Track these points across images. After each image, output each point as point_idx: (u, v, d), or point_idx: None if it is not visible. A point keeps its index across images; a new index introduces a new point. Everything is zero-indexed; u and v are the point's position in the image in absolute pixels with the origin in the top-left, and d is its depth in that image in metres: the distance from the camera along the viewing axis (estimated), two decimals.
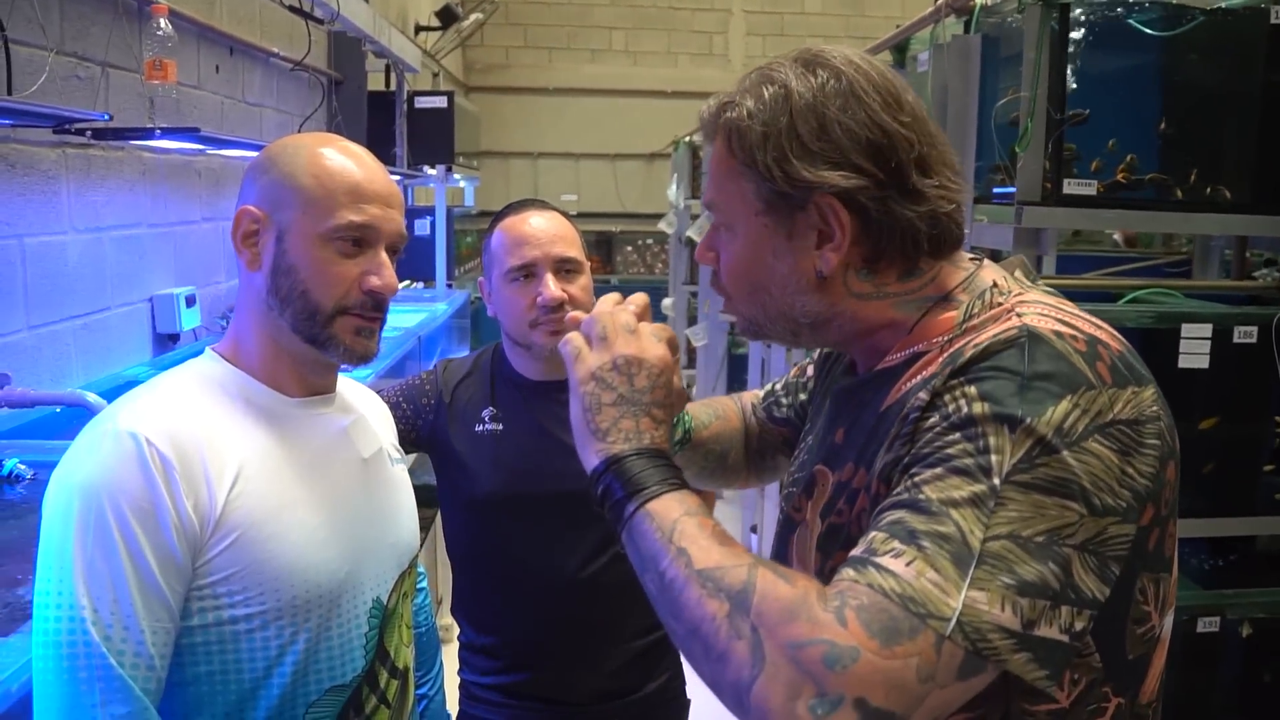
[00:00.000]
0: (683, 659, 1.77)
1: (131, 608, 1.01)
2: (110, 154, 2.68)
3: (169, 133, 2.05)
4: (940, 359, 0.91)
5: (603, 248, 9.10)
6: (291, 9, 3.52)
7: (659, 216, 7.65)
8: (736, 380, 5.90)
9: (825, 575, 0.94)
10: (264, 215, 1.14)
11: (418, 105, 4.72)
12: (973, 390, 0.84)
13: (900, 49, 2.80)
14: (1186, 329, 2.02)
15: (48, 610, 1.00)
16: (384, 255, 1.16)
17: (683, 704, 1.83)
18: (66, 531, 1.01)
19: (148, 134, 2.02)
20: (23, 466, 1.81)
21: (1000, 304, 0.94)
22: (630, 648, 1.72)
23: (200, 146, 2.48)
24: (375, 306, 1.15)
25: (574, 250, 1.69)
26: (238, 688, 1.09)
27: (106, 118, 1.96)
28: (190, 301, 3.00)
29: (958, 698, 0.79)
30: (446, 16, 6.29)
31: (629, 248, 9.44)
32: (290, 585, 1.09)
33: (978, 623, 0.77)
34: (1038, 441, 0.80)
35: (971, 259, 1.01)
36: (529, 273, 1.67)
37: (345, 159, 1.15)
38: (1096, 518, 0.81)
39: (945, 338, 0.94)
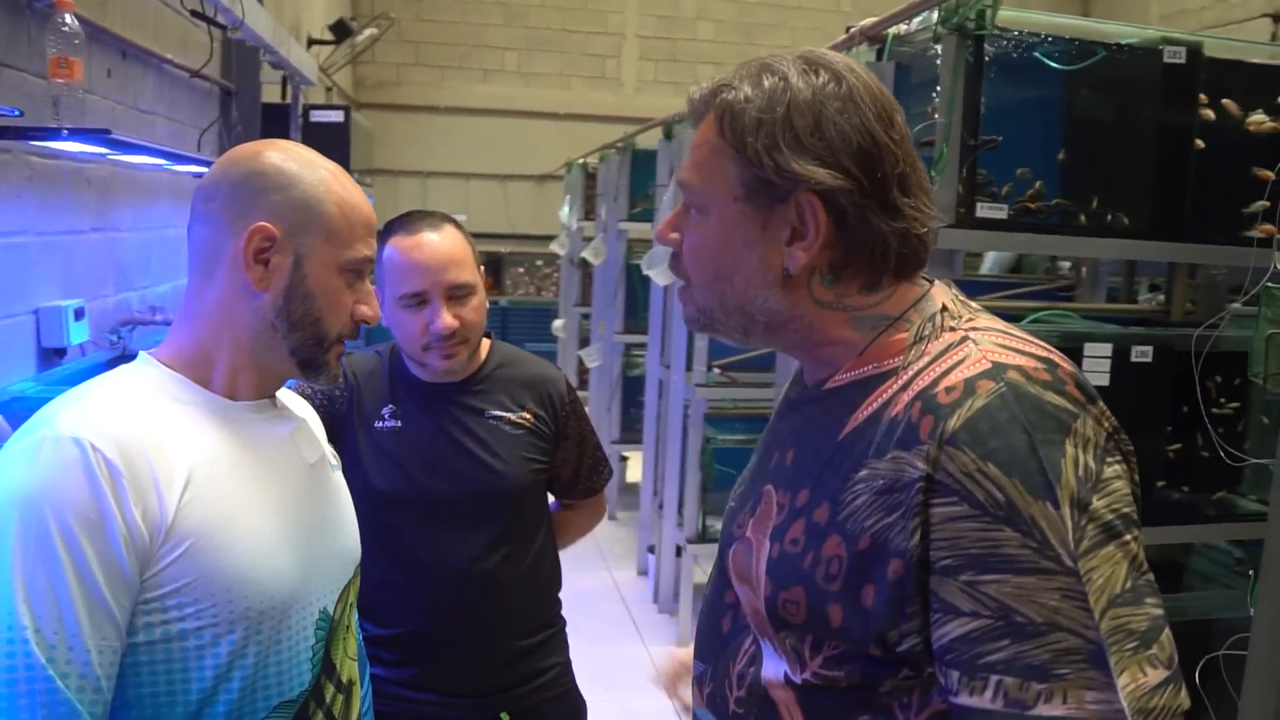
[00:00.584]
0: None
1: (77, 625, 0.95)
2: None
3: (76, 134, 1.94)
4: (905, 397, 0.91)
5: (492, 268, 9.03)
6: (195, 14, 3.41)
7: (549, 238, 7.64)
8: (632, 402, 5.91)
9: (777, 604, 0.95)
10: (282, 236, 1.11)
11: (313, 119, 4.61)
12: (994, 470, 0.83)
13: None
14: (1088, 348, 2.11)
15: None
16: (368, 284, 1.19)
17: (577, 699, 1.90)
18: (3, 546, 0.94)
19: (53, 134, 1.91)
20: None
21: (952, 328, 0.95)
22: (519, 645, 1.79)
23: (105, 150, 2.36)
24: (355, 333, 1.19)
25: (466, 273, 1.71)
26: (184, 708, 1.03)
27: (16, 113, 1.85)
28: (79, 315, 2.86)
29: None
30: (340, 30, 6.17)
31: (519, 269, 9.39)
32: (243, 595, 1.05)
33: (1139, 703, 0.79)
34: (1073, 504, 0.82)
35: (924, 278, 1.02)
36: (421, 300, 1.69)
37: (349, 189, 1.16)
38: (1139, 528, 0.85)
39: (900, 360, 0.94)
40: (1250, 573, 1.98)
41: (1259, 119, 2.23)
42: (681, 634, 4.11)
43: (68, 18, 1.99)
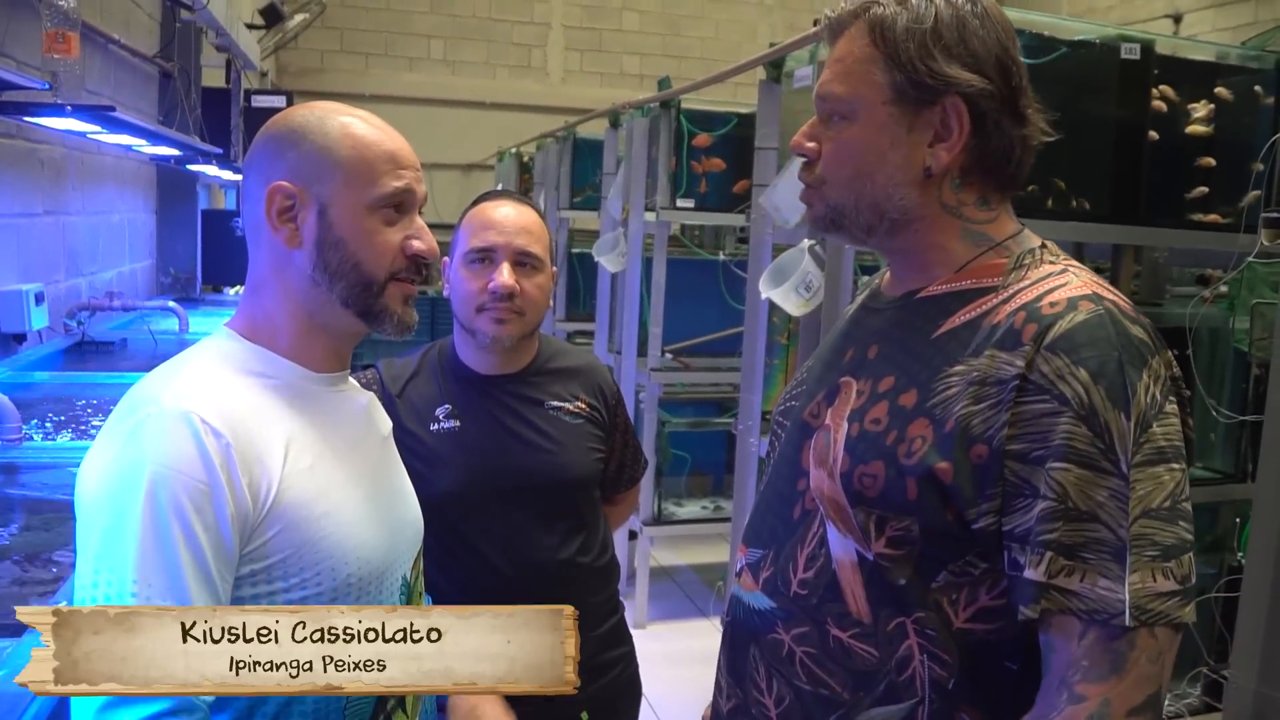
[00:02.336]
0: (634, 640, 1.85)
1: (188, 598, 0.97)
2: None
3: (80, 111, 1.90)
4: (1007, 309, 1.01)
5: None
6: None
7: None
8: None
9: (853, 478, 1.04)
10: (300, 190, 1.10)
11: (255, 104, 4.55)
12: (1083, 374, 0.94)
13: (776, 65, 2.95)
14: None
15: (95, 604, 0.94)
16: (419, 219, 1.15)
17: (639, 683, 1.86)
18: (117, 520, 0.96)
19: (57, 111, 1.87)
20: None
21: (1052, 261, 1.05)
22: (593, 635, 1.73)
23: (96, 128, 2.31)
24: (418, 270, 1.15)
25: (537, 246, 1.70)
26: None
27: (47, 86, 1.82)
28: (39, 299, 2.80)
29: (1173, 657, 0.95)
30: (271, 15, 6.06)
31: (445, 258, 9.32)
32: (345, 564, 1.07)
33: (1140, 599, 0.91)
34: (1138, 421, 0.93)
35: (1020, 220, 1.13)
36: (487, 258, 1.67)
37: (374, 128, 1.14)
38: (1185, 463, 0.96)
39: (999, 280, 1.04)
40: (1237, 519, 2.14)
41: (1196, 128, 2.38)
42: (638, 615, 4.18)
43: None
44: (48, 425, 2.28)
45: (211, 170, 4.18)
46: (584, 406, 1.78)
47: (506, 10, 9.20)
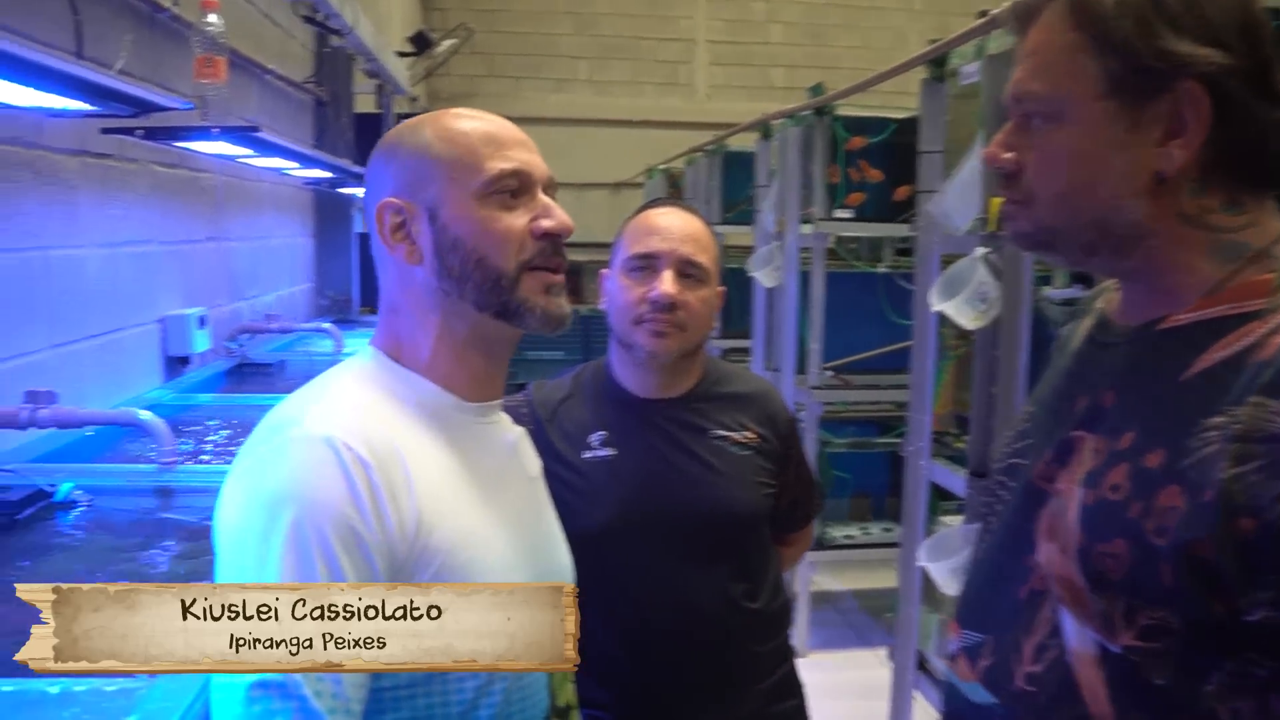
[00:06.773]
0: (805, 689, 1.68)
1: None
2: (125, 165, 2.54)
3: (227, 133, 1.91)
4: (1277, 340, 0.80)
5: (571, 278, 9.02)
6: (307, 20, 3.40)
7: None
8: None
9: (1091, 558, 0.85)
10: (407, 202, 1.03)
11: None
12: None
13: (938, 63, 2.76)
14: None
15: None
16: (544, 197, 1.06)
17: None
18: (260, 550, 0.88)
19: (204, 134, 1.87)
20: (79, 492, 1.65)
21: None
22: (761, 688, 1.58)
23: (249, 151, 2.33)
24: (555, 252, 1.04)
25: (703, 256, 1.56)
26: None
27: (190, 107, 1.82)
28: (202, 323, 2.85)
29: None
30: (420, 42, 6.18)
31: (603, 270, 9.35)
32: None
33: None
34: None
35: None
36: (649, 265, 1.54)
37: (470, 118, 1.05)
38: None
39: (1266, 302, 0.84)
40: None
41: None
42: (798, 643, 3.99)
43: (213, 17, 1.96)
44: (212, 445, 2.29)
45: (363, 193, 4.24)
46: (753, 436, 1.61)
47: (651, 28, 9.19)
